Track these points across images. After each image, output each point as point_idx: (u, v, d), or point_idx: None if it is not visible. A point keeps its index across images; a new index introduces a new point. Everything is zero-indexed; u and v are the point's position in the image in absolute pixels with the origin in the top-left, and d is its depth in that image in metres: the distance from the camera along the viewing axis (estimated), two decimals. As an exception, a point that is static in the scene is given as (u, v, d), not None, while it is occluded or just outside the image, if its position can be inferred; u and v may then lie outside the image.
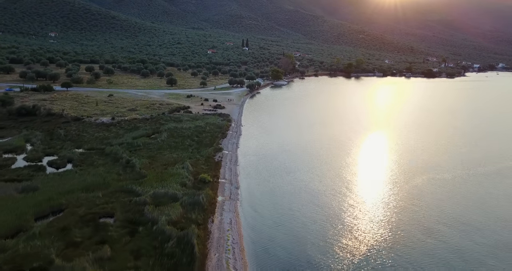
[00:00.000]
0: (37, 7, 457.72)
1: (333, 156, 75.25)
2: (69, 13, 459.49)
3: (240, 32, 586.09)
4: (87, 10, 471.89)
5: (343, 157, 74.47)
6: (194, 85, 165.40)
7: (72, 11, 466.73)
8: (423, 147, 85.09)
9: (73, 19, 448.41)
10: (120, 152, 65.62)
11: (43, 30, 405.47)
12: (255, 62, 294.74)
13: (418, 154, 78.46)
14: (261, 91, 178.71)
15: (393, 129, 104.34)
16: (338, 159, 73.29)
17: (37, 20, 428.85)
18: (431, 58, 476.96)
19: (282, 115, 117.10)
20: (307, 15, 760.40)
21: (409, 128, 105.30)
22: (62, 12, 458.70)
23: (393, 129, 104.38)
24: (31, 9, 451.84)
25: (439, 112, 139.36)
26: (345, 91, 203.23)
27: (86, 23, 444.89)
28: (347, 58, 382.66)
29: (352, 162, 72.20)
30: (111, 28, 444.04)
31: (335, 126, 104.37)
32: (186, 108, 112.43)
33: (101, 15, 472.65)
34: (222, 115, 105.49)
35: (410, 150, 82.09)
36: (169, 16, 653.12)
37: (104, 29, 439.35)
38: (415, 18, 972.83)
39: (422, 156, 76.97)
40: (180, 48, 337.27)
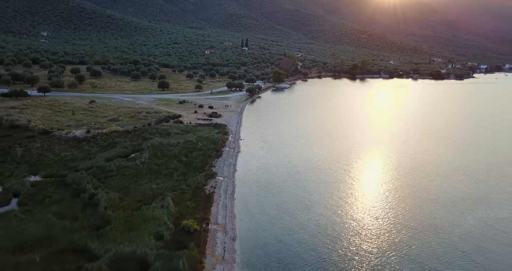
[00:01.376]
0: (30, 6, 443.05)
1: (351, 181, 60.92)
2: (62, 12, 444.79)
3: (240, 31, 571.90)
4: (81, 9, 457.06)
5: (362, 182, 60.16)
6: (188, 89, 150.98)
7: (66, 10, 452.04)
8: (465, 173, 70.75)
9: (66, 18, 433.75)
10: (84, 181, 51.23)
11: (35, 29, 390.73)
12: (255, 63, 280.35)
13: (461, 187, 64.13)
14: (262, 95, 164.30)
15: (416, 146, 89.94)
16: (356, 185, 58.96)
17: (30, 19, 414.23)
18: (436, 59, 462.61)
19: (287, 125, 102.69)
20: (308, 15, 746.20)
21: (433, 146, 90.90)
22: (55, 11, 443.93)
23: (415, 146, 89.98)
24: (24, 8, 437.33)
25: (467, 123, 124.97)
26: (352, 95, 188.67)
27: (80, 22, 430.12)
28: (351, 58, 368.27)
29: (380, 192, 57.88)
30: (106, 28, 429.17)
31: (348, 140, 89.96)
32: (176, 117, 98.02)
33: (96, 14, 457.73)
34: (217, 126, 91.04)
35: (448, 176, 67.76)
36: (167, 15, 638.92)
37: (98, 28, 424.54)
38: (416, 18, 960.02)
39: (467, 186, 62.68)
40: (177, 48, 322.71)
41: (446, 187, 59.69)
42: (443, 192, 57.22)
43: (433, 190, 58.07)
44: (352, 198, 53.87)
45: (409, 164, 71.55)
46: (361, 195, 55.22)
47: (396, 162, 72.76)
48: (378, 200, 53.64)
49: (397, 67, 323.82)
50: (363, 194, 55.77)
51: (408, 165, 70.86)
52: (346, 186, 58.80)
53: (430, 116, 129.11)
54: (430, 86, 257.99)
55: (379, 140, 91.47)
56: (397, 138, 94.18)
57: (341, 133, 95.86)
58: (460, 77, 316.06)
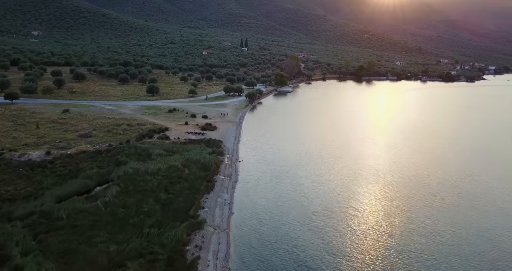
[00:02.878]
0: (21, 4, 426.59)
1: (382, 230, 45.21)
2: (55, 11, 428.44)
3: (239, 31, 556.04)
4: (75, 8, 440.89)
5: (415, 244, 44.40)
6: (181, 94, 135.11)
7: (60, 8, 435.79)
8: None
9: (59, 17, 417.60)
10: (12, 241, 35.37)
11: (26, 28, 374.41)
12: (255, 64, 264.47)
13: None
14: (263, 100, 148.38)
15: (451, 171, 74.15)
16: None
17: (21, 18, 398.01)
18: (443, 60, 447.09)
19: (293, 140, 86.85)
20: (309, 14, 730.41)
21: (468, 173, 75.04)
22: (48, 10, 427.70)
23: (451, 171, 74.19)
24: (15, 7, 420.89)
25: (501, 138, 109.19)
26: (363, 101, 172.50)
27: (73, 21, 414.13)
28: (355, 59, 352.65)
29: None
30: (100, 27, 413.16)
31: (367, 161, 74.16)
32: (162, 131, 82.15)
33: (91, 13, 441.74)
34: (211, 142, 75.10)
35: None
36: (164, 15, 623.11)
37: (92, 27, 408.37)
38: (417, 18, 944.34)
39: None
40: (173, 49, 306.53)
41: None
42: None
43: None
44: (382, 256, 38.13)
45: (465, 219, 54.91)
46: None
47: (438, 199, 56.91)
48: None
49: (404, 69, 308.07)
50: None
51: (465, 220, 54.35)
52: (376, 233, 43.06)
53: (466, 130, 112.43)
54: (443, 90, 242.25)
55: (407, 162, 75.63)
56: (428, 159, 78.41)
57: (360, 152, 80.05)
58: (471, 79, 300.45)
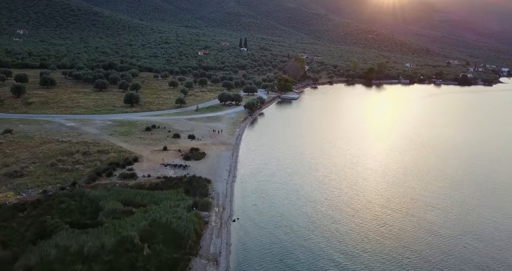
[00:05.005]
0: (8, 2, 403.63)
1: None
2: (44, 9, 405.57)
3: (238, 31, 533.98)
4: (65, 6, 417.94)
5: None
6: (167, 104, 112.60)
7: (49, 6, 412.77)
8: None
9: (48, 15, 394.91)
10: None
11: (12, 27, 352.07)
12: (255, 66, 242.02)
13: None
14: (265, 110, 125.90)
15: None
16: None
17: (6, 16, 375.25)
18: (453, 61, 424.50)
19: (306, 173, 64.51)
20: (310, 14, 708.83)
21: None
22: (36, 7, 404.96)
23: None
24: (1, 4, 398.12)
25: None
26: (380, 112, 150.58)
27: (62, 19, 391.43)
28: (362, 61, 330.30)
29: None
30: (91, 26, 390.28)
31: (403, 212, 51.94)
32: (129, 163, 59.71)
33: (81, 11, 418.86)
34: (195, 184, 52.67)
35: None
36: (160, 14, 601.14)
37: (82, 26, 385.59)
38: (419, 17, 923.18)
39: None
40: (166, 49, 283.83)
41: None
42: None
43: None
44: None
45: None
46: None
47: None
48: None
49: (416, 71, 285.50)
50: None
51: None
52: None
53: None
54: (466, 96, 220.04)
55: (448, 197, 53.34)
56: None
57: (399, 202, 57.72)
58: (489, 83, 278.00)
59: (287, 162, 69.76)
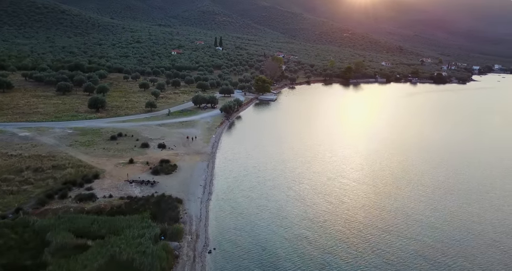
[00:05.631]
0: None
1: None
2: (8, 6, 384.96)
3: (213, 30, 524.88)
4: (31, 3, 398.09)
5: None
6: (136, 108, 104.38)
7: (13, 3, 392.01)
8: None
9: (12, 13, 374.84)
10: None
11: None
12: (231, 66, 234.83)
13: None
14: (243, 113, 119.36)
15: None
16: None
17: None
18: (426, 59, 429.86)
19: (289, 186, 58.48)
20: (285, 12, 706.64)
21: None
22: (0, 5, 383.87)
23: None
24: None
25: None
26: (361, 112, 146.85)
27: (27, 17, 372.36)
28: (338, 60, 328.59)
29: None
30: (59, 24, 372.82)
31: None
32: (89, 180, 51.98)
33: (48, 9, 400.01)
34: (164, 206, 45.57)
35: None
36: (132, 12, 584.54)
37: (49, 25, 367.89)
38: (392, 16, 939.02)
39: None
40: (138, 49, 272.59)
41: None
42: None
43: None
44: None
45: None
46: None
47: None
48: None
49: (392, 70, 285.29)
50: None
51: None
52: None
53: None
54: (444, 94, 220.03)
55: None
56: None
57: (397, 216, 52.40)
58: (462, 81, 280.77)
59: (268, 172, 63.46)
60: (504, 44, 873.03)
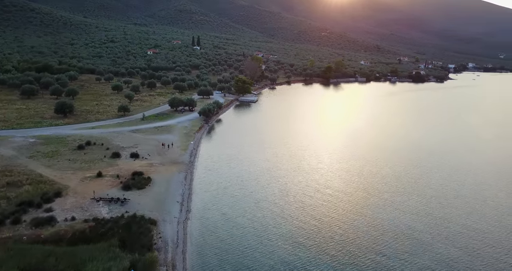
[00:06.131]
0: None
1: None
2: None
3: (190, 29, 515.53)
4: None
5: None
6: (108, 113, 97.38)
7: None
8: None
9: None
10: None
11: None
12: (209, 66, 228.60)
13: None
14: (223, 116, 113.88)
15: None
16: None
17: None
18: (403, 58, 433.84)
19: (276, 199, 53.59)
20: (263, 12, 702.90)
21: None
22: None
23: None
24: None
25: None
26: (340, 114, 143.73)
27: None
28: (318, 59, 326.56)
29: None
30: (28, 23, 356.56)
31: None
32: (49, 199, 45.60)
33: (17, 7, 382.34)
34: (134, 230, 39.72)
35: None
36: (107, 11, 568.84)
37: (18, 23, 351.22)
38: (369, 16, 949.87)
39: None
40: (112, 48, 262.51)
41: None
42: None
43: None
44: None
45: None
46: None
47: None
48: None
49: (372, 69, 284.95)
50: None
51: None
52: None
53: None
54: (424, 93, 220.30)
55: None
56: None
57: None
58: (440, 79, 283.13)
59: (253, 183, 58.35)
60: (475, 43, 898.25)
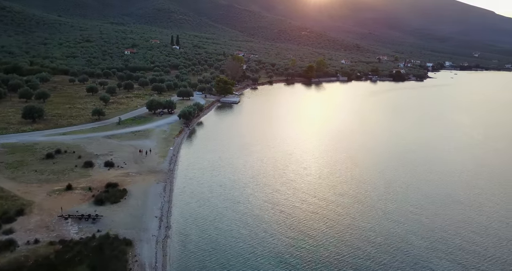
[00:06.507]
0: None
1: None
2: None
3: (169, 28, 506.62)
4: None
5: None
6: (82, 117, 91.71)
7: None
8: None
9: None
10: None
11: None
12: (189, 66, 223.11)
13: None
14: (204, 118, 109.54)
15: None
16: None
17: None
18: (382, 57, 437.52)
19: (263, 211, 49.96)
20: (243, 11, 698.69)
21: None
22: None
23: None
24: None
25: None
26: (324, 113, 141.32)
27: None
28: (299, 58, 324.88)
29: None
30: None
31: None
32: (9, 218, 40.74)
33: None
34: (108, 249, 35.38)
35: None
36: (82, 9, 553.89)
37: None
38: (348, 15, 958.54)
39: None
40: (87, 48, 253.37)
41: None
42: None
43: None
44: None
45: None
46: None
47: None
48: None
49: (353, 68, 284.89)
50: None
51: None
52: None
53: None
54: (406, 92, 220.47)
55: None
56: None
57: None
58: (420, 78, 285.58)
59: (236, 193, 54.47)
60: (449, 41, 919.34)
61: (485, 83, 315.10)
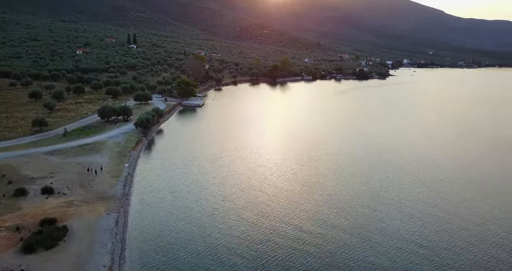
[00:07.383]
0: None
1: None
2: None
3: (126, 26, 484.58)
4: None
5: None
6: (19, 128, 78.75)
7: None
8: None
9: None
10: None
11: None
12: (147, 66, 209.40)
13: None
14: (165, 126, 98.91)
15: None
16: None
17: None
18: (344, 55, 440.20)
19: (239, 245, 41.51)
20: (203, 9, 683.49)
21: None
22: None
23: None
24: None
25: None
26: (293, 116, 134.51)
27: None
28: (262, 57, 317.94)
29: None
30: None
31: None
32: None
33: None
34: None
35: None
36: (31, 6, 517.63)
37: None
38: (308, 13, 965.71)
39: None
40: (34, 48, 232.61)
41: None
42: None
43: None
44: None
45: None
46: None
47: None
48: None
49: (317, 67, 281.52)
50: None
51: None
52: None
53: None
54: (371, 90, 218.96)
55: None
56: None
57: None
58: (382, 76, 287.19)
59: (206, 221, 45.42)
60: (405, 39, 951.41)
61: (445, 81, 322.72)
